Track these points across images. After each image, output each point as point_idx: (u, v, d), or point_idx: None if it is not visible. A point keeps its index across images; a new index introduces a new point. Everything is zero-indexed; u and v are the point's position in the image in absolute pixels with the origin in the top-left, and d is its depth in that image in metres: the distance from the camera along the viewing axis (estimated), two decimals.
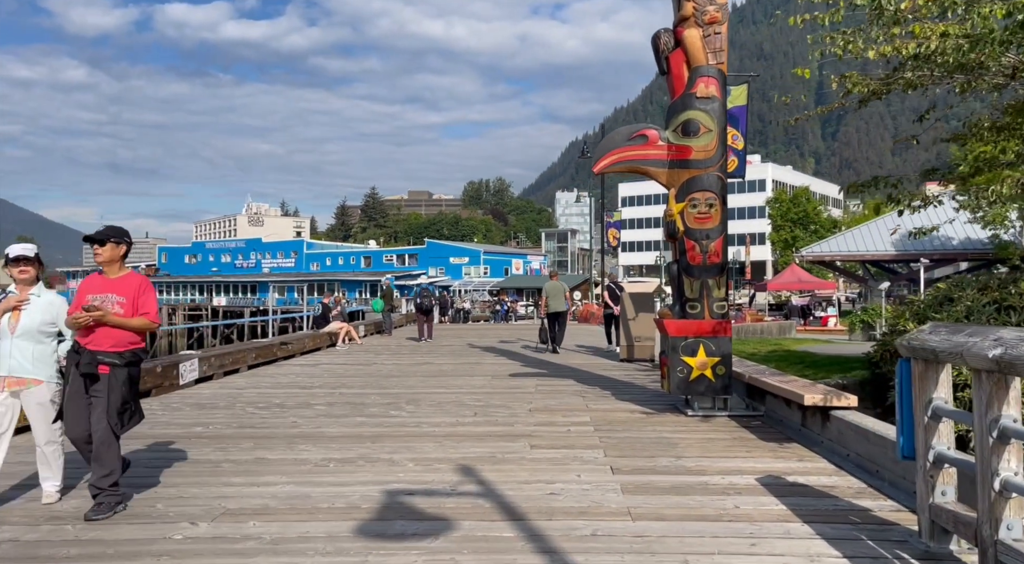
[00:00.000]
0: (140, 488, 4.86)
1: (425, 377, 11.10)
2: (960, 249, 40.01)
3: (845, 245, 42.89)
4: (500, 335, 21.69)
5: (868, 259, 42.86)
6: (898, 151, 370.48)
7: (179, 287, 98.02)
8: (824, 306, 34.20)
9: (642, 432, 6.78)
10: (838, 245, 43.33)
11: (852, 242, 42.87)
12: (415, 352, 15.66)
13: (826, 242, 45.07)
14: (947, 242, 40.73)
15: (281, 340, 13.82)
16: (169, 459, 5.69)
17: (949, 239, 40.74)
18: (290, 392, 9.44)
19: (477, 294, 66.64)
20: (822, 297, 35.47)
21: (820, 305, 34.51)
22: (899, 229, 35.25)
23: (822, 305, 34.47)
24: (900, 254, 41.26)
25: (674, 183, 7.79)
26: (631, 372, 11.65)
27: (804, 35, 21.70)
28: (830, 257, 42.93)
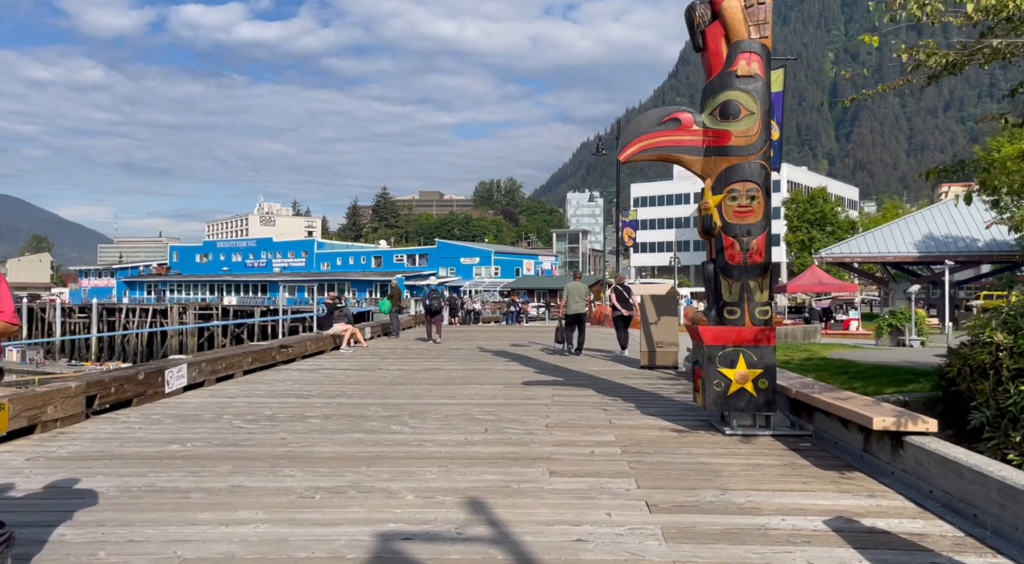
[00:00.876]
0: (84, 526, 4.07)
1: (432, 385, 10.29)
2: (985, 251, 38.81)
3: (866, 246, 41.79)
4: (512, 337, 20.87)
5: (889, 261, 41.72)
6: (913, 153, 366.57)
7: (190, 286, 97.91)
8: (845, 309, 33.13)
9: (676, 455, 5.94)
10: (858, 246, 42.22)
11: (873, 243, 41.76)
12: (422, 356, 14.86)
13: (846, 243, 43.98)
14: (971, 244, 39.57)
15: (280, 343, 13.05)
16: (130, 488, 4.90)
17: (974, 241, 39.59)
18: (284, 402, 8.65)
19: (488, 295, 65.87)
20: (843, 300, 34.40)
21: (841, 308, 33.44)
22: (995, 222, 34.16)
23: (843, 308, 33.41)
24: (923, 256, 40.11)
25: (710, 173, 6.94)
26: (654, 381, 10.80)
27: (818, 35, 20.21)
28: (850, 258, 41.84)
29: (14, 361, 63.14)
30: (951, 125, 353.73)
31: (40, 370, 57.72)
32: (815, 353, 14.22)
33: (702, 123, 6.97)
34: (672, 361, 12.25)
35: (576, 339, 15.03)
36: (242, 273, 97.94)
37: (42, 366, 60.72)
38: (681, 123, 7.02)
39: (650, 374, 11.64)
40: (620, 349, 15.06)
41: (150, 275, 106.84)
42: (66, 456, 5.77)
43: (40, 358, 65.85)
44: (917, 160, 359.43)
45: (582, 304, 14.99)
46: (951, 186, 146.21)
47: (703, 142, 6.96)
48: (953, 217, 41.99)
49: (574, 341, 15.14)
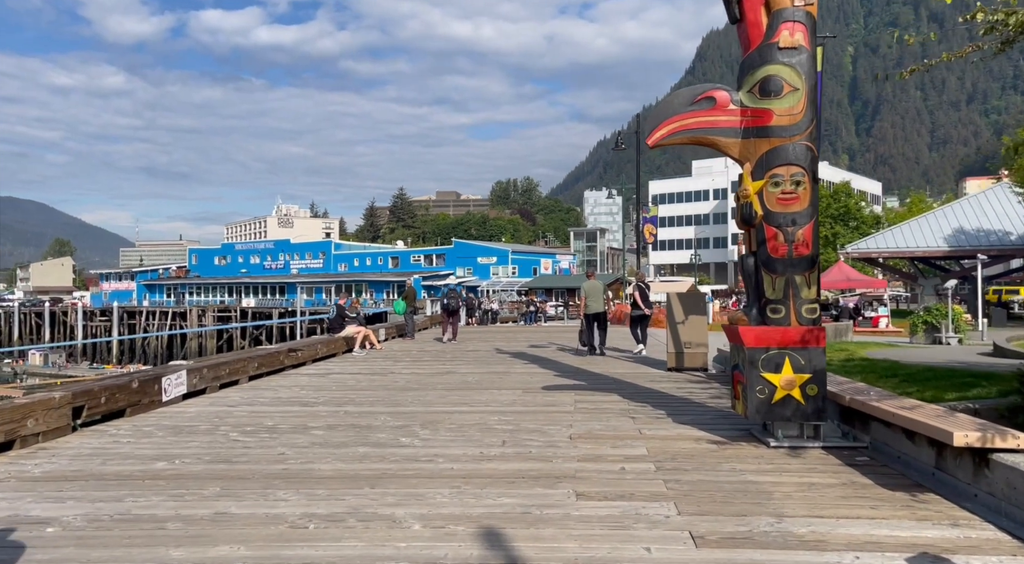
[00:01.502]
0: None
1: (446, 390, 9.69)
2: (1019, 245, 37.53)
3: (893, 241, 40.64)
4: (530, 338, 20.23)
5: (918, 256, 40.55)
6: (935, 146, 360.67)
7: (209, 288, 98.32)
8: (874, 306, 32.11)
9: (718, 472, 5.27)
10: (885, 241, 41.08)
11: (900, 238, 40.61)
12: (437, 359, 14.27)
13: (872, 238, 42.83)
14: (1004, 237, 38.30)
15: (289, 347, 12.51)
16: (100, 517, 4.32)
17: (1006, 234, 38.33)
18: (288, 411, 8.08)
19: (505, 294, 65.25)
20: (871, 296, 33.37)
21: (870, 305, 32.43)
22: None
23: (871, 305, 32.39)
24: (953, 250, 38.90)
25: (749, 156, 6.27)
26: (683, 384, 10.11)
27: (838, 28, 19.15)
28: (877, 253, 40.71)
29: (37, 364, 63.61)
30: (975, 118, 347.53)
31: (62, 373, 57.97)
32: (853, 353, 13.43)
33: (739, 102, 6.30)
34: (701, 363, 11.55)
35: (597, 339, 14.66)
36: (260, 275, 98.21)
37: (64, 369, 61.02)
38: (716, 102, 6.35)
39: (678, 377, 10.96)
40: (636, 348, 14.61)
41: (169, 278, 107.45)
42: (39, 476, 5.23)
43: (63, 361, 66.21)
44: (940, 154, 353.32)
45: (602, 302, 14.60)
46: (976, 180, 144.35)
47: (741, 123, 6.28)
48: (984, 210, 40.72)
49: (593, 341, 14.73)
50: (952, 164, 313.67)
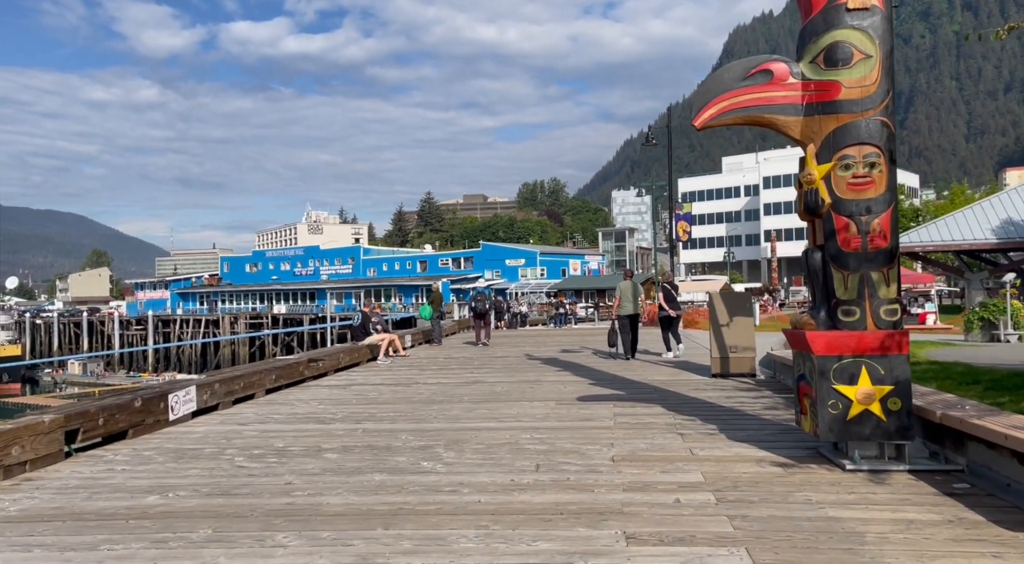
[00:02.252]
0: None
1: (473, 403, 8.98)
2: None
3: (937, 234, 38.98)
4: (561, 342, 19.48)
5: (964, 249, 38.86)
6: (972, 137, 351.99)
7: (240, 296, 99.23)
8: (920, 302, 30.71)
9: (791, 505, 4.48)
10: (929, 234, 39.43)
11: (945, 230, 38.93)
12: (464, 367, 13.59)
13: (915, 231, 41.15)
14: None
15: (309, 357, 11.92)
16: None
17: None
18: (301, 430, 7.44)
19: (534, 296, 64.51)
20: (916, 292, 31.94)
21: (916, 301, 31.02)
22: None
23: (917, 301, 30.99)
24: (1003, 242, 37.14)
25: (813, 136, 5.47)
26: (732, 393, 9.29)
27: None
28: (920, 247, 39.09)
29: (76, 374, 64.62)
30: (1012, 107, 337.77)
31: (100, 382, 58.69)
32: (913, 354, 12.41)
33: (800, 74, 5.50)
34: (749, 368, 10.70)
35: (630, 342, 13.97)
36: (290, 281, 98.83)
37: (102, 378, 61.82)
38: (773, 75, 5.56)
39: (725, 384, 10.12)
40: (665, 351, 14.11)
41: (202, 286, 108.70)
42: (14, 516, 4.63)
43: (100, 370, 67.18)
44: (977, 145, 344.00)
45: (636, 304, 14.06)
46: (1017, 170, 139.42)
47: (803, 98, 5.49)
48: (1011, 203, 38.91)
49: (628, 344, 14.08)
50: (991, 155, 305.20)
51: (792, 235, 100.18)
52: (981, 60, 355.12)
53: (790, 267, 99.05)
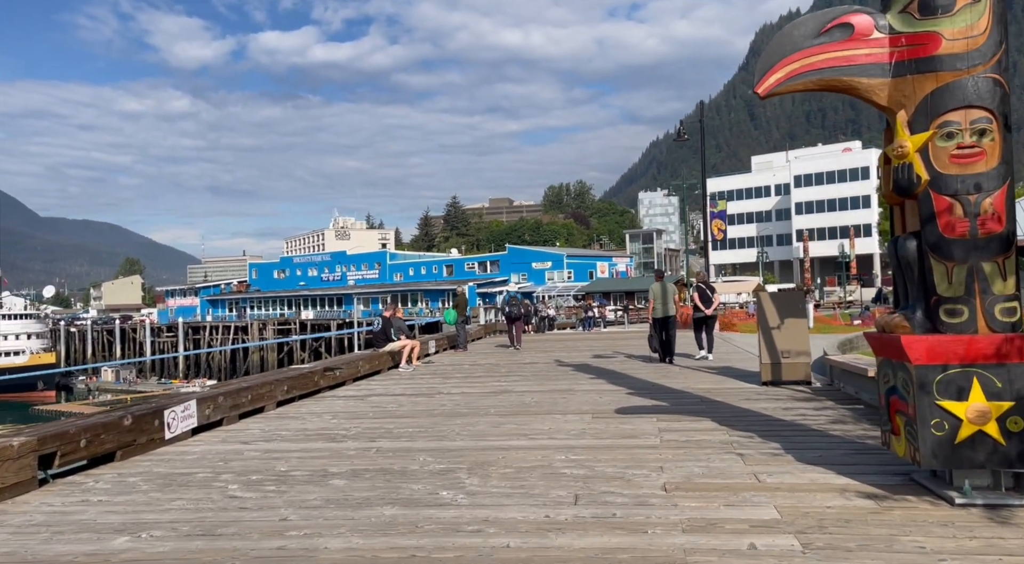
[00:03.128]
0: None
1: (500, 416, 8.14)
2: None
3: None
4: (593, 347, 18.56)
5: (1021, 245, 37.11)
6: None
7: (269, 302, 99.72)
8: None
9: (902, 557, 3.56)
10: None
11: None
12: (491, 374, 12.76)
13: None
14: None
15: (325, 366, 11.18)
16: None
17: None
18: (309, 449, 6.67)
19: (561, 299, 63.54)
20: None
21: None
22: None
23: None
24: None
25: (905, 100, 4.54)
26: (788, 403, 8.32)
27: None
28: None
29: (109, 381, 65.23)
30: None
31: (132, 389, 59.08)
32: None
33: (888, 27, 4.58)
34: (803, 375, 9.71)
35: (665, 345, 13.51)
36: (318, 287, 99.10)
37: (134, 385, 62.29)
38: (854, 30, 4.65)
39: (778, 393, 9.15)
40: (699, 352, 13.70)
41: (231, 293, 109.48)
42: None
43: (133, 377, 67.76)
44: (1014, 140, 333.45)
45: (671, 305, 13.50)
46: None
47: (891, 55, 4.57)
48: None
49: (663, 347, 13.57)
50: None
51: (825, 234, 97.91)
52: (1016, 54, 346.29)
53: (823, 267, 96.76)
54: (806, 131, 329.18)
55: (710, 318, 13.89)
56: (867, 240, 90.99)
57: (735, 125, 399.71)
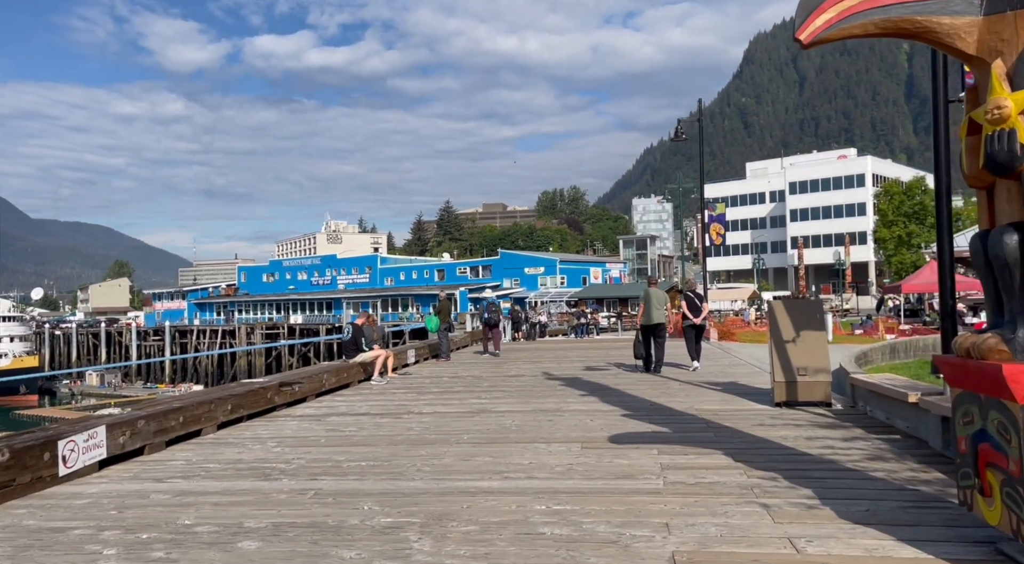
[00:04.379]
0: None
1: (474, 445, 6.92)
2: None
3: None
4: (585, 357, 17.37)
5: None
6: None
7: (257, 306, 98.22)
8: (976, 311, 28.14)
9: None
10: None
11: None
12: (471, 389, 11.54)
13: (962, 235, 38.47)
14: None
15: (281, 380, 9.91)
16: None
17: None
18: (232, 490, 5.42)
19: (554, 305, 62.37)
20: (973, 299, 29.35)
21: (972, 310, 28.46)
22: None
23: (976, 310, 28.41)
24: None
25: (1002, 46, 3.37)
26: (809, 430, 7.13)
27: None
28: (968, 253, 36.42)
29: (93, 385, 63.67)
30: None
31: (117, 393, 57.56)
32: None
33: None
34: (822, 395, 8.53)
35: (654, 354, 13.02)
36: (307, 291, 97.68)
37: (119, 389, 60.74)
38: None
39: (796, 417, 7.96)
40: (692, 364, 13.18)
41: (219, 296, 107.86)
42: None
43: (118, 381, 66.16)
44: None
45: (662, 312, 13.07)
46: None
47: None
48: None
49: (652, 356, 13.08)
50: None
51: (819, 242, 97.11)
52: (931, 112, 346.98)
53: (818, 274, 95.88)
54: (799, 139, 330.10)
55: (699, 327, 13.41)
56: (862, 248, 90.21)
57: (729, 133, 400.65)
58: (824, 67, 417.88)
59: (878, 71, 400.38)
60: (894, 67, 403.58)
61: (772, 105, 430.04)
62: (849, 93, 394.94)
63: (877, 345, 13.45)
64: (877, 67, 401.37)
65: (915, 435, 6.53)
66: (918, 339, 15.57)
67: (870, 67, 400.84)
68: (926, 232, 56.49)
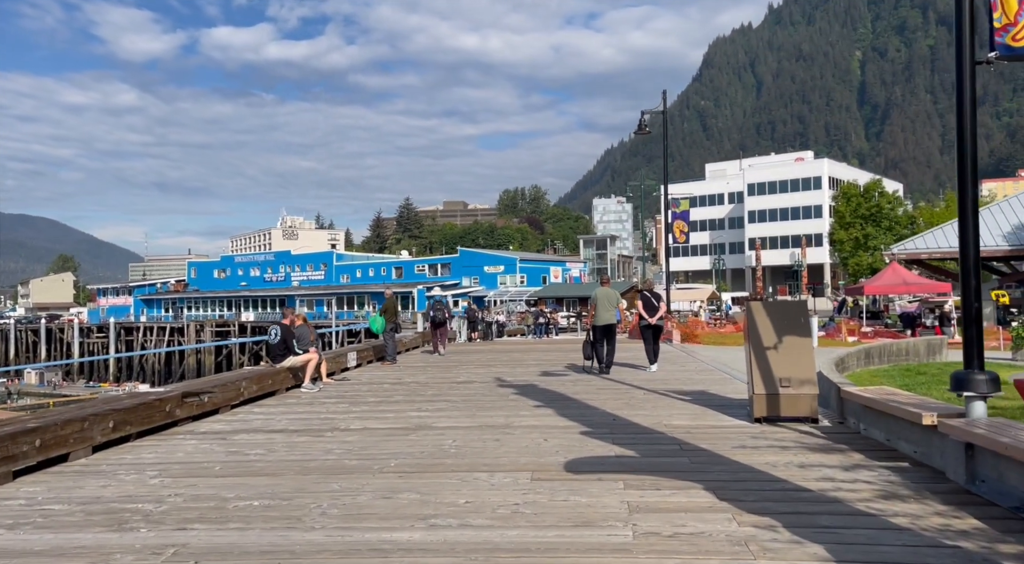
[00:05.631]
0: None
1: (401, 476, 5.66)
2: None
3: (945, 240, 36.27)
4: (541, 359, 16.23)
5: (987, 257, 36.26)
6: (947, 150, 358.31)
7: (207, 302, 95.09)
8: (936, 313, 27.89)
9: None
10: (936, 240, 36.74)
11: (953, 237, 36.32)
12: (412, 398, 10.26)
13: (921, 238, 38.47)
14: None
15: (186, 389, 8.46)
16: None
17: None
18: (67, 546, 4.07)
19: (514, 304, 61.28)
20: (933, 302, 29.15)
21: (932, 312, 28.21)
22: None
23: (934, 312, 28.17)
24: (1016, 249, 34.58)
25: None
26: (800, 454, 6.05)
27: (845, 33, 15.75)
28: (927, 254, 36.40)
29: (32, 384, 60.33)
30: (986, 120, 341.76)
31: (57, 392, 54.51)
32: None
33: None
34: (807, 410, 7.49)
35: (605, 354, 12.87)
36: (260, 288, 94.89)
37: (60, 388, 57.61)
38: None
39: (781, 435, 6.89)
40: (650, 367, 12.94)
41: (167, 292, 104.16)
42: None
43: (59, 380, 62.86)
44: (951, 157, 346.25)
45: (613, 313, 12.96)
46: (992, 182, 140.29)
47: None
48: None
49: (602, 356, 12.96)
50: None
51: (777, 243, 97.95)
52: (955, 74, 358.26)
53: (774, 276, 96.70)
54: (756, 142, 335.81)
55: (657, 327, 13.17)
56: (818, 250, 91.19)
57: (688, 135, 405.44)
58: (781, 72, 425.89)
59: (832, 77, 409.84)
60: (847, 74, 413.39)
61: (730, 108, 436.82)
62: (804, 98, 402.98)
63: (853, 350, 12.58)
64: (831, 74, 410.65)
65: (927, 463, 5.50)
66: (891, 343, 14.81)
67: (824, 73, 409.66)
68: (883, 234, 56.94)
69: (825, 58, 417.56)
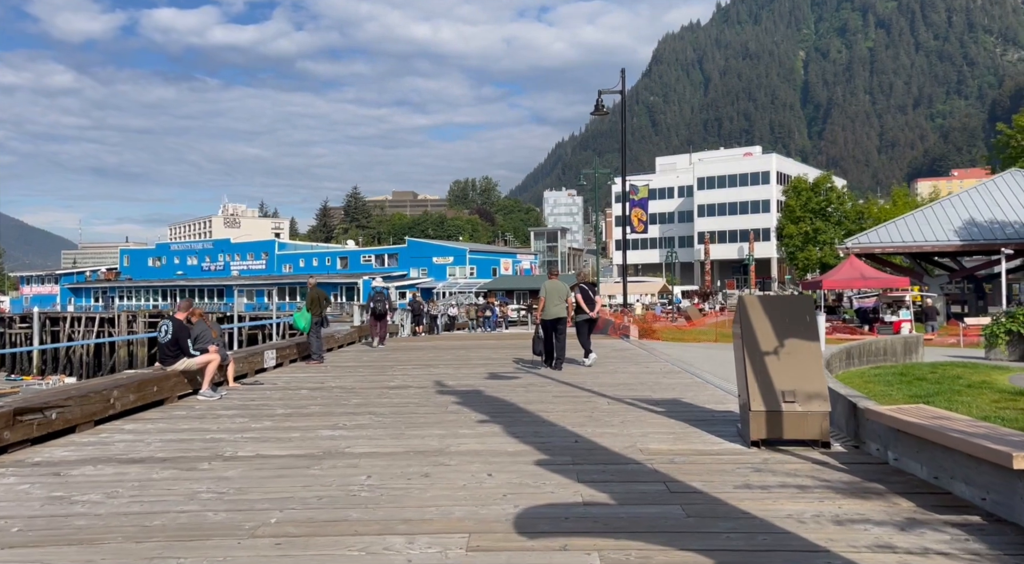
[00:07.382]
0: None
1: (279, 544, 3.92)
2: None
3: (898, 235, 36.04)
4: (490, 358, 14.59)
5: (927, 251, 36.05)
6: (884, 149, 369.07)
7: (141, 292, 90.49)
8: (895, 308, 27.30)
9: None
10: (889, 235, 36.49)
11: (906, 231, 36.03)
12: (331, 410, 8.46)
13: (874, 232, 38.22)
14: (1022, 229, 34.11)
15: (24, 404, 6.48)
16: None
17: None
18: None
19: (463, 297, 59.50)
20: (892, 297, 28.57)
21: (890, 307, 27.60)
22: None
23: (891, 307, 27.58)
24: (967, 244, 34.40)
25: None
26: (826, 497, 4.53)
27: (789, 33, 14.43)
28: (880, 248, 36.08)
29: None
30: (920, 122, 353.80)
31: None
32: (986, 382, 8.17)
33: None
34: (817, 431, 6.00)
35: (555, 349, 12.45)
36: (197, 277, 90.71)
37: None
38: None
39: (793, 468, 5.38)
40: (587, 359, 12.74)
41: (97, 281, 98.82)
42: None
43: None
44: (888, 156, 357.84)
45: (563, 306, 12.63)
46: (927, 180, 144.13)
47: None
48: (997, 200, 36.45)
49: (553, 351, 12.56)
50: (900, 166, 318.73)
51: (726, 237, 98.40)
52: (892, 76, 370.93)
53: (722, 269, 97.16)
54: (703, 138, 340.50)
55: (593, 320, 13.27)
56: (766, 244, 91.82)
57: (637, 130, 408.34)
58: (728, 70, 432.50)
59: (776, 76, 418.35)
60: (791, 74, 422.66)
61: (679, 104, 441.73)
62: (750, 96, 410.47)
63: (835, 350, 11.30)
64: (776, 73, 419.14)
65: (1006, 518, 4.03)
66: (870, 342, 13.67)
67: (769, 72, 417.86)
68: (832, 228, 57.08)
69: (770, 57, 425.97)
